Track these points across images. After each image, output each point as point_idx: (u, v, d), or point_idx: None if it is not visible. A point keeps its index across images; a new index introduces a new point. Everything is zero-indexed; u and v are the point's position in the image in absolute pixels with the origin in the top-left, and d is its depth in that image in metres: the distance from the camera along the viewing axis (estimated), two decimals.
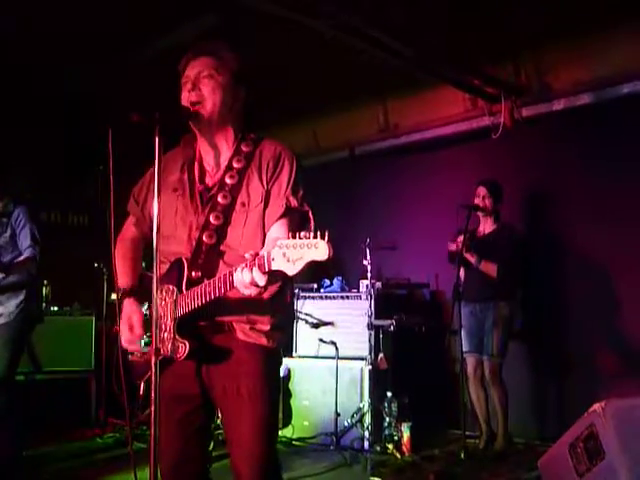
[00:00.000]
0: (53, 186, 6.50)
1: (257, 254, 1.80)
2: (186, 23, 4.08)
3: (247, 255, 1.83)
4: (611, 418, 2.98)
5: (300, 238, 1.74)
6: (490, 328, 4.80)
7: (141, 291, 2.22)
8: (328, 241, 1.73)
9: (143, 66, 4.81)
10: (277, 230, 2.07)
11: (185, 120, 2.11)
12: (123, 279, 2.26)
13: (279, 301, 2.15)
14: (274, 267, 1.75)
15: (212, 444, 3.12)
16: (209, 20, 3.96)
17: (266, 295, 2.03)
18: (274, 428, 2.11)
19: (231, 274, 1.88)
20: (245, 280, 1.81)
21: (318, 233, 1.75)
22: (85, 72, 5.03)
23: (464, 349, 4.92)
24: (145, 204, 2.29)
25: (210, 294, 1.95)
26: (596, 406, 3.06)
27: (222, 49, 2.19)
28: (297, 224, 2.11)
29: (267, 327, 2.10)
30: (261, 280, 1.80)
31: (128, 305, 2.18)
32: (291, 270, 1.74)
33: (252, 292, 1.85)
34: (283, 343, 2.21)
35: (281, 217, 2.08)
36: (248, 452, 2.02)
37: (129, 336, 2.14)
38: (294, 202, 2.10)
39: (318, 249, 1.72)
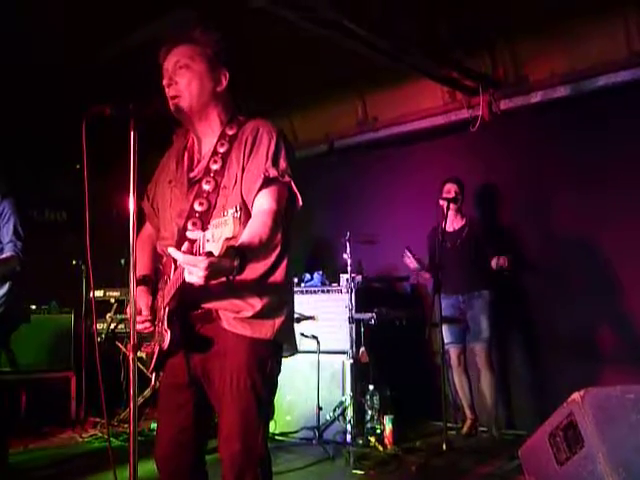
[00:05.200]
0: (30, 182, 6.41)
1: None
2: (162, 16, 4.05)
3: (190, 234, 1.75)
4: (589, 407, 3.01)
5: (226, 215, 1.62)
6: (477, 315, 4.85)
7: (155, 282, 2.22)
8: (238, 217, 1.61)
9: (120, 60, 4.76)
10: (261, 201, 1.99)
11: (164, 114, 2.09)
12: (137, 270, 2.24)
13: (269, 281, 2.07)
14: (207, 249, 1.64)
15: None
16: (185, 13, 3.94)
17: (252, 275, 1.99)
18: (259, 421, 2.04)
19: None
20: (188, 271, 1.74)
21: (235, 208, 1.62)
22: (61, 66, 4.97)
23: (446, 340, 4.97)
24: (154, 199, 2.30)
25: (177, 281, 1.90)
26: (575, 395, 3.09)
27: (198, 34, 2.15)
28: (284, 197, 2.04)
29: (251, 313, 2.03)
30: (201, 268, 1.69)
31: (137, 292, 2.16)
32: (215, 249, 1.63)
33: (197, 280, 1.75)
34: (280, 330, 2.07)
35: (263, 188, 2.00)
36: (227, 440, 2.01)
37: (138, 319, 2.12)
38: (273, 172, 2.02)
39: (228, 225, 1.60)
